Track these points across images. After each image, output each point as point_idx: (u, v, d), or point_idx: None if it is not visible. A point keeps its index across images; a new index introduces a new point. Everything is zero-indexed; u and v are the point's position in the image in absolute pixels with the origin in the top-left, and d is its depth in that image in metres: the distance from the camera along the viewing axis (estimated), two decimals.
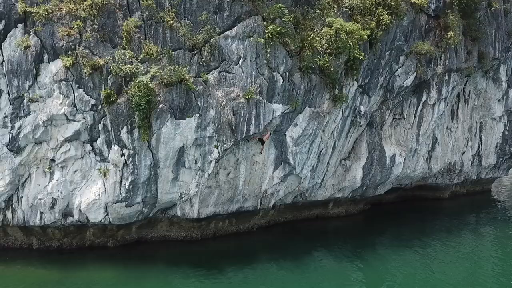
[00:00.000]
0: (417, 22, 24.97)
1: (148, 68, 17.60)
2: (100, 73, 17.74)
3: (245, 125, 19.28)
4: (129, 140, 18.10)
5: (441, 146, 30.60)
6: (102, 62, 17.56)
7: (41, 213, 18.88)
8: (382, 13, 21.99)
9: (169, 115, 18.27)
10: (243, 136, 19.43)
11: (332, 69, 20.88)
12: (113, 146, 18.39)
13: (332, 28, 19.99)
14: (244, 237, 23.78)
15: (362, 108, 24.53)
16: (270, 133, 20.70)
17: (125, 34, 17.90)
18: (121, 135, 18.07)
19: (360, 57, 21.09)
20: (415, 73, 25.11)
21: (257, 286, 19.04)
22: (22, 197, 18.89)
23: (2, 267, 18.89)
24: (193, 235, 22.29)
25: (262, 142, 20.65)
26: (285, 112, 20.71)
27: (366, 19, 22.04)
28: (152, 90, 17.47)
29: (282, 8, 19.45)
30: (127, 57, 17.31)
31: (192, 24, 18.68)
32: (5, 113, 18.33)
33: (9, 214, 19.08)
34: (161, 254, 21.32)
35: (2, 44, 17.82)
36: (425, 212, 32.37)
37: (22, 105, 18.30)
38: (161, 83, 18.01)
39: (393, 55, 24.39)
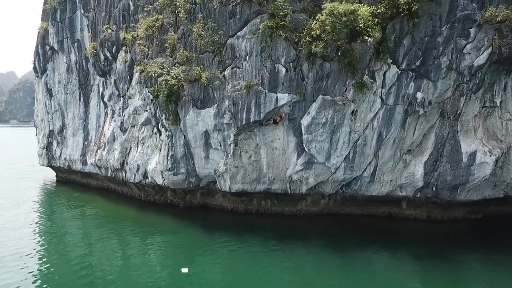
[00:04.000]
0: None
1: (171, 70, 23.08)
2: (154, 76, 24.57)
3: (244, 113, 21.76)
4: (167, 125, 24.18)
5: None
6: (154, 68, 24.33)
7: (134, 174, 27.63)
8: None
9: (191, 105, 23.16)
10: (243, 123, 21.94)
11: (340, 54, 20.23)
12: (162, 129, 24.95)
13: (323, 13, 19.52)
14: (286, 219, 25.33)
15: (419, 95, 21.37)
16: (283, 117, 22.01)
17: (167, 45, 24.03)
18: (163, 120, 24.39)
19: (369, 40, 19.36)
20: (490, 48, 19.64)
21: (282, 264, 19.25)
22: (127, 162, 28.21)
23: (123, 207, 28.43)
24: (239, 208, 26.04)
25: (275, 122, 22.28)
26: (293, 101, 21.62)
27: None
28: (172, 86, 22.86)
29: (281, 3, 20.70)
30: (158, 63, 23.39)
31: (212, 31, 22.78)
32: (119, 107, 28.02)
33: (123, 174, 28.83)
34: (213, 217, 26.02)
35: (116, 61, 27.38)
36: None
37: (125, 101, 27.47)
38: (187, 80, 23.13)
39: (457, 28, 20.13)
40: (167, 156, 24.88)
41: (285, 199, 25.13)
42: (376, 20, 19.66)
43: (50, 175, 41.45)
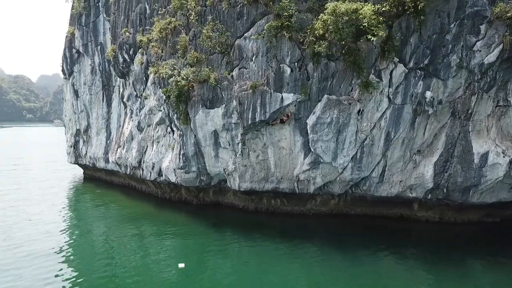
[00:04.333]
0: None
1: (180, 71, 23.71)
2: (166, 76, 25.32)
3: (250, 113, 22.04)
4: (178, 124, 24.86)
5: None
6: (166, 70, 25.06)
7: (150, 172, 28.56)
8: None
9: (200, 105, 23.71)
10: (249, 123, 22.22)
11: (345, 53, 20.12)
12: (175, 128, 25.66)
13: (325, 13, 19.47)
14: (296, 219, 25.33)
15: (428, 94, 20.88)
16: (290, 116, 22.12)
17: (179, 47, 24.70)
18: (175, 120, 25.09)
19: (373, 39, 19.11)
20: (501, 45, 18.89)
21: (289, 263, 19.29)
22: (144, 161, 29.19)
23: (142, 203, 29.53)
24: (249, 206, 26.35)
25: (282, 122, 22.40)
26: (298, 100, 21.69)
27: None
28: (182, 87, 23.47)
29: (286, 3, 20.83)
30: (170, 64, 24.09)
31: (220, 32, 23.21)
32: (136, 107, 29.05)
33: (140, 171, 29.85)
34: (224, 215, 26.44)
35: (133, 62, 28.40)
36: None
37: (141, 101, 28.44)
38: (196, 81, 23.70)
39: (466, 25, 19.51)
40: (179, 155, 25.57)
41: (294, 199, 25.20)
42: (381, 18, 19.40)
43: (80, 172, 43.47)
